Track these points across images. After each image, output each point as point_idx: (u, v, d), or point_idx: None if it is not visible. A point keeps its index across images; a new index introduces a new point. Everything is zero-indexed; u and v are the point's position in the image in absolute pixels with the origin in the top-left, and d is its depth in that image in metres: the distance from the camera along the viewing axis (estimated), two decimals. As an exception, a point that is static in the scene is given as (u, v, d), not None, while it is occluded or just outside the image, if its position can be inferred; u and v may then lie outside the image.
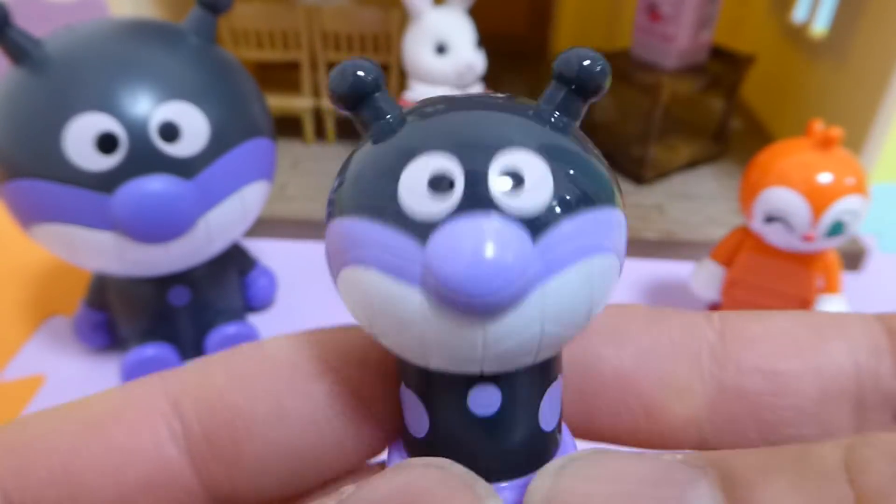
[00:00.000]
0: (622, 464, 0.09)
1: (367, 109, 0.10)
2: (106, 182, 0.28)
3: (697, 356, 0.12)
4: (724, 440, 0.12)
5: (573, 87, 0.10)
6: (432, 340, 0.09)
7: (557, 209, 0.09)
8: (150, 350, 0.35)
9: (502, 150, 0.09)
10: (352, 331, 0.12)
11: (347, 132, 0.60)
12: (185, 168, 0.30)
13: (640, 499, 0.09)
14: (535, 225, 0.09)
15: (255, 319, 0.42)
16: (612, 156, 0.57)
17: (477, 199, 0.09)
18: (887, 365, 0.12)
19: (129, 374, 0.35)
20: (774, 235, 0.35)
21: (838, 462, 0.08)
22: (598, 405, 0.12)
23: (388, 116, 0.10)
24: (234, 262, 0.40)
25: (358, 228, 0.09)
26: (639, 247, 0.49)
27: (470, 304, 0.09)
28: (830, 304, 0.36)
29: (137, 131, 0.28)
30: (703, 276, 0.39)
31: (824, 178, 0.32)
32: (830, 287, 0.36)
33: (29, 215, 0.30)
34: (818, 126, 0.34)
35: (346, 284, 0.10)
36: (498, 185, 0.09)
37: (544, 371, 0.10)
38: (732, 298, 0.39)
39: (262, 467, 0.11)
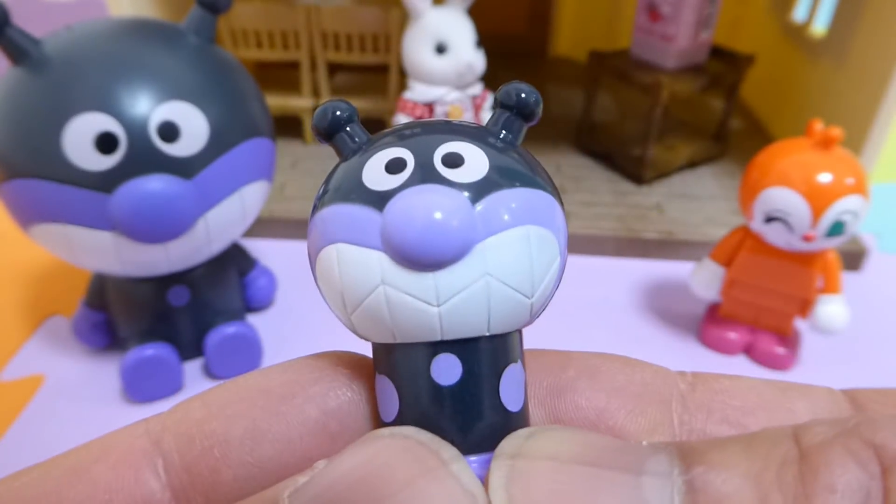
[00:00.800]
0: (591, 435, 0.10)
1: (342, 138, 0.12)
2: (105, 182, 0.28)
3: (668, 401, 0.13)
4: None
5: (514, 111, 0.12)
6: (393, 300, 0.10)
7: (493, 181, 0.11)
8: (150, 350, 0.35)
9: (447, 142, 0.11)
10: (320, 357, 0.13)
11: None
12: (184, 168, 0.30)
13: (603, 460, 0.10)
14: (474, 192, 0.11)
15: (254, 319, 0.42)
16: (612, 156, 0.57)
17: (425, 173, 0.11)
18: None
19: (129, 373, 0.35)
20: (774, 235, 0.35)
21: (788, 432, 0.09)
22: None
23: (358, 140, 0.12)
24: (234, 262, 0.40)
25: (329, 213, 0.11)
26: (639, 247, 0.49)
27: (415, 248, 0.10)
28: (830, 303, 0.36)
29: (137, 131, 0.28)
30: (702, 276, 0.39)
31: (824, 178, 0.32)
32: (830, 287, 0.36)
33: (28, 215, 0.30)
34: (818, 126, 0.34)
35: (320, 267, 0.11)
36: (442, 163, 0.11)
37: (500, 349, 0.11)
38: (732, 298, 0.39)
39: (241, 491, 0.12)
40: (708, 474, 0.09)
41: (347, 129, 0.12)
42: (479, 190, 0.11)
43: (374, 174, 0.11)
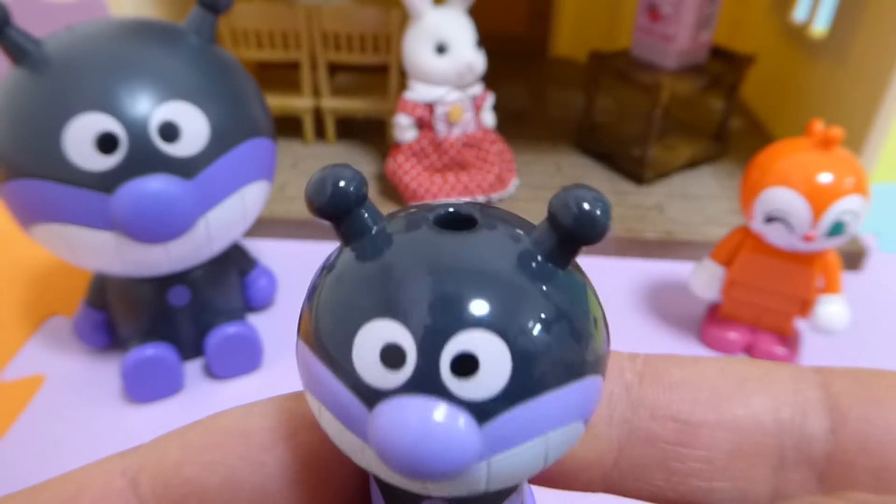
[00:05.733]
0: None
1: (350, 224, 0.10)
2: (106, 182, 0.28)
3: (609, 398, 0.12)
4: (630, 485, 0.12)
5: (568, 233, 0.09)
6: (378, 470, 0.09)
7: (511, 395, 0.09)
8: (150, 350, 0.35)
9: (460, 331, 0.09)
10: (303, 398, 0.12)
11: (348, 132, 0.60)
12: (184, 168, 0.30)
13: None
14: (484, 411, 0.09)
15: (254, 319, 0.42)
16: (612, 156, 0.57)
17: (426, 381, 0.08)
18: (814, 424, 0.11)
19: (129, 374, 0.35)
20: (774, 235, 0.35)
21: None
22: None
23: (374, 229, 0.10)
24: (234, 262, 0.40)
25: (318, 369, 0.09)
26: (639, 247, 0.49)
27: (399, 468, 0.09)
28: (831, 303, 0.36)
29: (137, 131, 0.28)
30: (702, 276, 0.39)
31: (824, 178, 0.32)
32: (830, 287, 0.36)
33: (29, 215, 0.30)
34: (818, 126, 0.34)
35: (309, 400, 0.10)
36: (450, 369, 0.09)
37: (501, 493, 0.11)
38: (732, 298, 0.39)
39: None
40: None
41: (360, 210, 0.09)
42: (490, 408, 0.09)
43: (367, 359, 0.09)
